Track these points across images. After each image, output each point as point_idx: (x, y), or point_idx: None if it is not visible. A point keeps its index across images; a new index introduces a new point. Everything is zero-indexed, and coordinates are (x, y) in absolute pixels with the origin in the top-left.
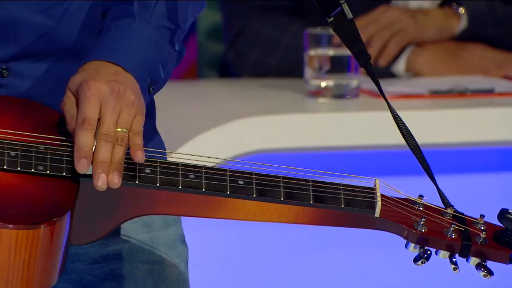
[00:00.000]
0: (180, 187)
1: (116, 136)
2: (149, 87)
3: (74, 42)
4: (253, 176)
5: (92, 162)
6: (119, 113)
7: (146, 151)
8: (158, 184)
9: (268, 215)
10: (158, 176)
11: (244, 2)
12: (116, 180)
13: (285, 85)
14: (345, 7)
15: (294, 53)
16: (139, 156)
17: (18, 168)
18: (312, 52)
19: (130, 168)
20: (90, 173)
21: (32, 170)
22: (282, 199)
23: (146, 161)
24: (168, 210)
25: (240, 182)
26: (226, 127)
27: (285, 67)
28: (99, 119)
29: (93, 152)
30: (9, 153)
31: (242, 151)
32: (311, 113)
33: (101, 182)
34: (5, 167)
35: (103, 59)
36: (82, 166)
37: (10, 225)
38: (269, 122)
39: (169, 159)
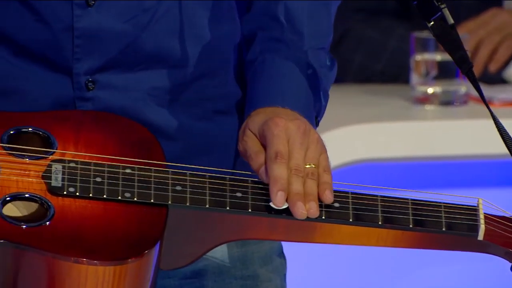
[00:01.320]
0: (272, 212)
1: (306, 171)
2: (316, 119)
3: (163, 49)
4: (349, 200)
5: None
6: (306, 150)
7: (236, 174)
8: (250, 210)
9: (365, 239)
10: (249, 202)
11: (347, 4)
12: (314, 210)
13: (390, 92)
14: (446, 12)
15: (400, 57)
16: (328, 197)
17: (104, 196)
18: (418, 57)
19: (219, 194)
20: (279, 207)
21: (119, 197)
22: (380, 223)
23: (236, 185)
24: (260, 235)
25: (336, 204)
26: (328, 135)
27: (390, 72)
28: None
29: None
30: (95, 180)
31: (345, 161)
32: (417, 121)
33: (300, 212)
34: (90, 195)
35: (273, 106)
36: (280, 199)
37: (96, 261)
38: (373, 130)
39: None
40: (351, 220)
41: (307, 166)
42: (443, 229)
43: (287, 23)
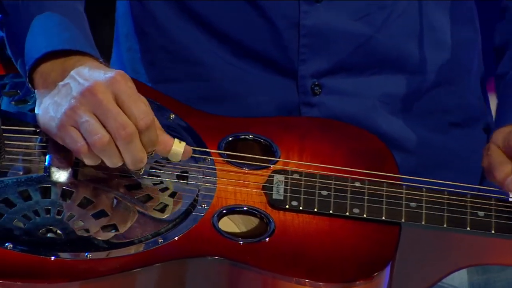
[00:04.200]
0: None
1: None
2: None
3: (396, 52)
4: None
5: None
6: None
7: (479, 189)
8: (493, 231)
9: None
10: (493, 221)
11: None
12: None
13: None
14: None
15: None
16: None
17: (331, 211)
18: None
19: (458, 212)
20: None
21: (347, 213)
22: None
23: (478, 203)
24: (505, 260)
25: None
26: None
27: None
28: None
29: None
30: (320, 192)
31: None
32: None
33: None
34: (315, 209)
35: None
36: None
37: (320, 283)
38: None
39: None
40: None
41: None
42: None
43: None
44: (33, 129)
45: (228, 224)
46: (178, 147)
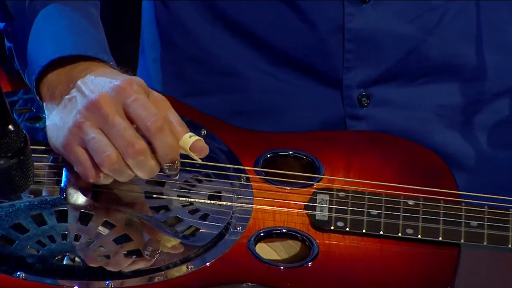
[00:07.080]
0: None
1: None
2: None
3: (452, 57)
4: None
5: None
6: None
7: None
8: None
9: None
10: None
11: None
12: None
13: None
14: None
15: None
16: None
17: (381, 232)
18: None
19: None
20: None
21: (399, 234)
22: None
23: None
24: None
25: None
26: None
27: None
28: None
29: None
30: (369, 211)
31: None
32: None
33: None
34: (364, 230)
35: None
36: None
37: None
38: None
39: None
40: None
41: None
42: None
43: None
44: (44, 147)
45: (267, 251)
46: (186, 142)
